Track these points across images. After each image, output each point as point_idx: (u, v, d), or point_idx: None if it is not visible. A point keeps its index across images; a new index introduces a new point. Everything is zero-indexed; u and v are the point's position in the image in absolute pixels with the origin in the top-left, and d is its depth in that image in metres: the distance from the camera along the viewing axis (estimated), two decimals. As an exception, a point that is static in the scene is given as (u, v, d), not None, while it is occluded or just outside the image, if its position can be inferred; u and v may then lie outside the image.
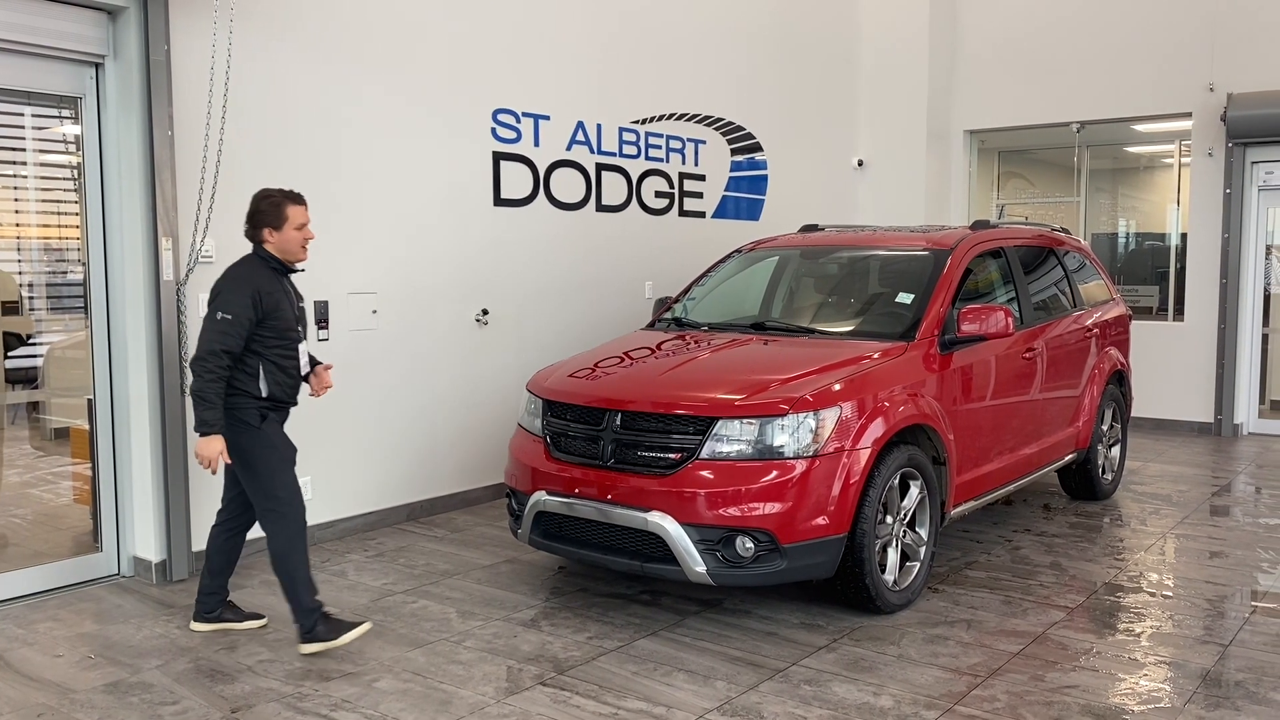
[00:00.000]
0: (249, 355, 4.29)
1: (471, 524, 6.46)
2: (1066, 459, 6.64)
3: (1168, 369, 10.08)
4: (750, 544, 4.40)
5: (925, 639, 4.53)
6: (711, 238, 8.78)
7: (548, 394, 5.10)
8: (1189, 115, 9.94)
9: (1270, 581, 5.36)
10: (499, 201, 7.07)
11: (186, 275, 5.33)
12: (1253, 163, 9.68)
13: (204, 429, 4.18)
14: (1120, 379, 7.37)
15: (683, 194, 8.70)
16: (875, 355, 5.02)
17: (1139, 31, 10.05)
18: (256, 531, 5.67)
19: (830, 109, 10.58)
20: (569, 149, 7.60)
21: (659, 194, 8.45)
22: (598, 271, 7.86)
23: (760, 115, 9.49)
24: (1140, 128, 10.95)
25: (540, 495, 4.87)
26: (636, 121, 8.18)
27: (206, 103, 5.35)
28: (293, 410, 5.84)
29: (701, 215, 8.93)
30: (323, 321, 6.02)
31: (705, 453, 4.49)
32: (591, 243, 7.82)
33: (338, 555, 5.82)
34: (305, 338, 4.56)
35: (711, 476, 4.45)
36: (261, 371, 4.34)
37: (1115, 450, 7.36)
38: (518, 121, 7.18)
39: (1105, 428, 7.14)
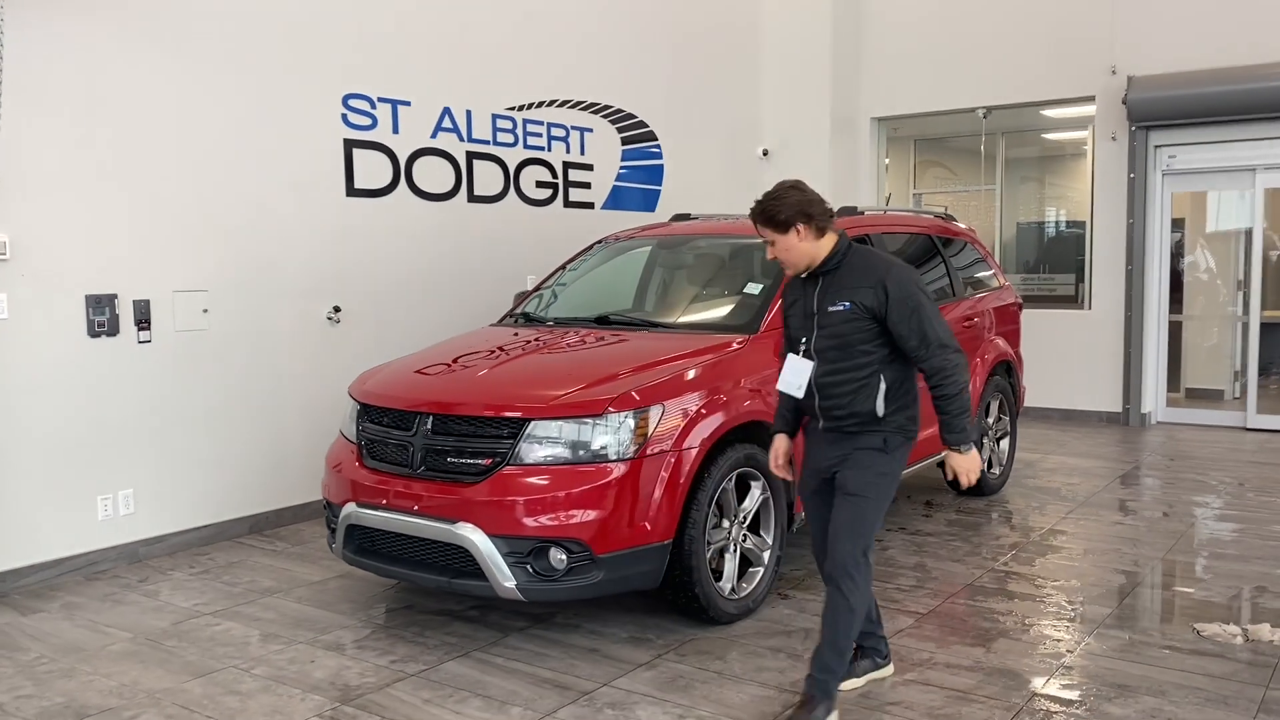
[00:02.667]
0: None
1: (317, 536, 6.07)
2: (944, 453, 6.35)
3: (1075, 358, 9.90)
4: (563, 555, 4.07)
5: (755, 652, 4.22)
6: (601, 229, 8.38)
7: (363, 396, 4.74)
8: (1092, 99, 9.74)
9: (1133, 581, 5.11)
10: (352, 192, 6.68)
11: (-27, 274, 4.91)
12: (1156, 146, 9.51)
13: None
14: (1008, 370, 7.13)
15: (568, 184, 8.35)
16: (713, 349, 4.71)
17: (1042, 14, 9.83)
18: (64, 548, 5.22)
19: (732, 97, 10.28)
20: (434, 136, 7.22)
21: (540, 184, 8.09)
22: (472, 265, 7.48)
23: (655, 103, 9.16)
24: (1051, 113, 10.78)
25: (351, 507, 4.51)
26: (512, 108, 7.81)
27: (-11, 86, 4.94)
28: (114, 415, 5.49)
29: (590, 206, 8.59)
30: (143, 322, 5.60)
31: (517, 457, 4.15)
32: (464, 235, 7.44)
33: (159, 573, 5.42)
34: (805, 351, 3.65)
35: (522, 483, 4.11)
36: None
37: (1004, 443, 7.12)
38: (373, 107, 6.79)
39: (991, 420, 6.89)
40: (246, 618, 4.72)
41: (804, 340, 3.64)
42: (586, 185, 8.53)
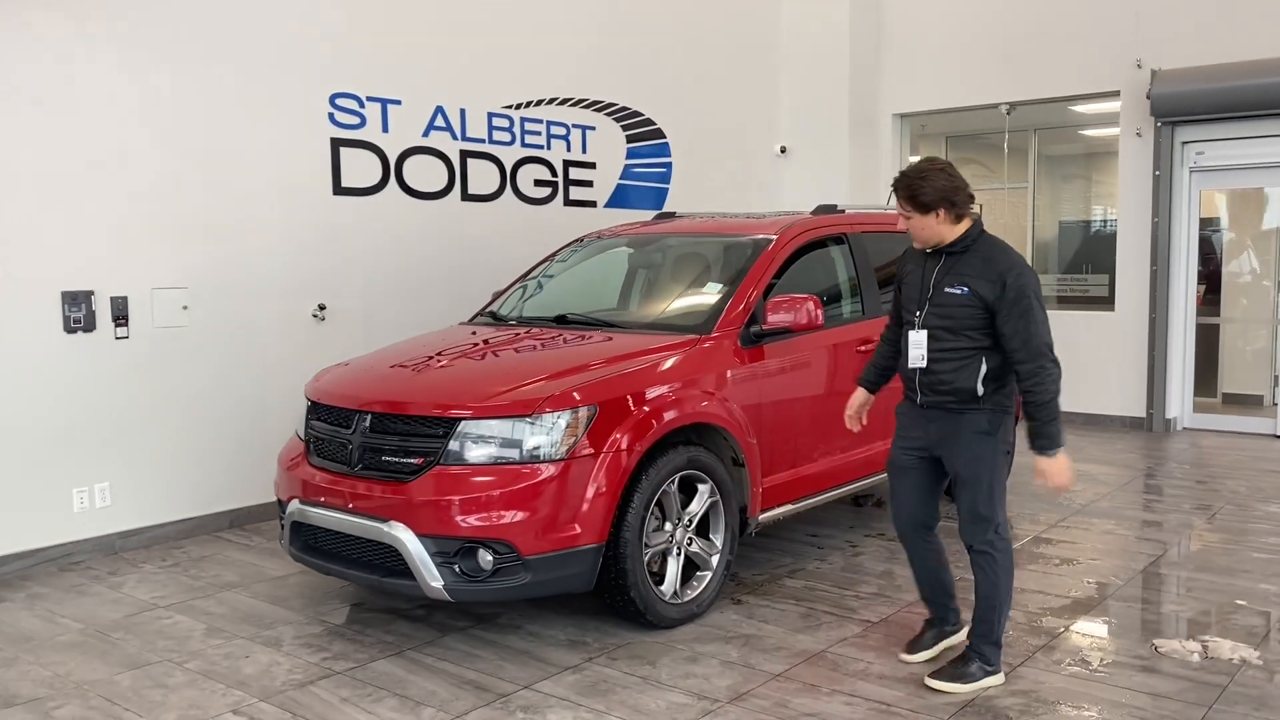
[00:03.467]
0: None
1: (293, 530, 6.12)
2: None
3: (1099, 361, 9.60)
4: (490, 556, 4.04)
5: (688, 658, 4.14)
6: (602, 227, 8.40)
7: (313, 394, 4.76)
8: (1117, 94, 9.44)
9: (1105, 593, 4.93)
10: (339, 190, 6.73)
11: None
12: (1183, 143, 9.17)
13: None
14: (1007, 373, 6.92)
15: (568, 182, 8.32)
16: (661, 349, 4.64)
17: (1066, 6, 9.55)
18: (39, 539, 5.37)
19: (749, 94, 10.16)
20: (426, 135, 7.24)
21: (539, 182, 8.08)
22: (465, 263, 7.48)
23: (664, 100, 9.09)
24: (1082, 108, 10.47)
25: (295, 504, 4.53)
26: (510, 107, 7.81)
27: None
28: (91, 409, 5.59)
29: (592, 204, 8.55)
30: (121, 319, 5.69)
31: (448, 457, 4.13)
32: (456, 233, 7.45)
33: (130, 565, 5.51)
34: (918, 325, 3.77)
35: (451, 483, 4.08)
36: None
37: (1001, 448, 6.91)
38: (361, 106, 6.83)
39: (985, 424, 6.68)
40: (198, 611, 4.77)
41: (916, 313, 3.78)
42: (589, 184, 8.50)
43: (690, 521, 4.56)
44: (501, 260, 7.68)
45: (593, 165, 8.51)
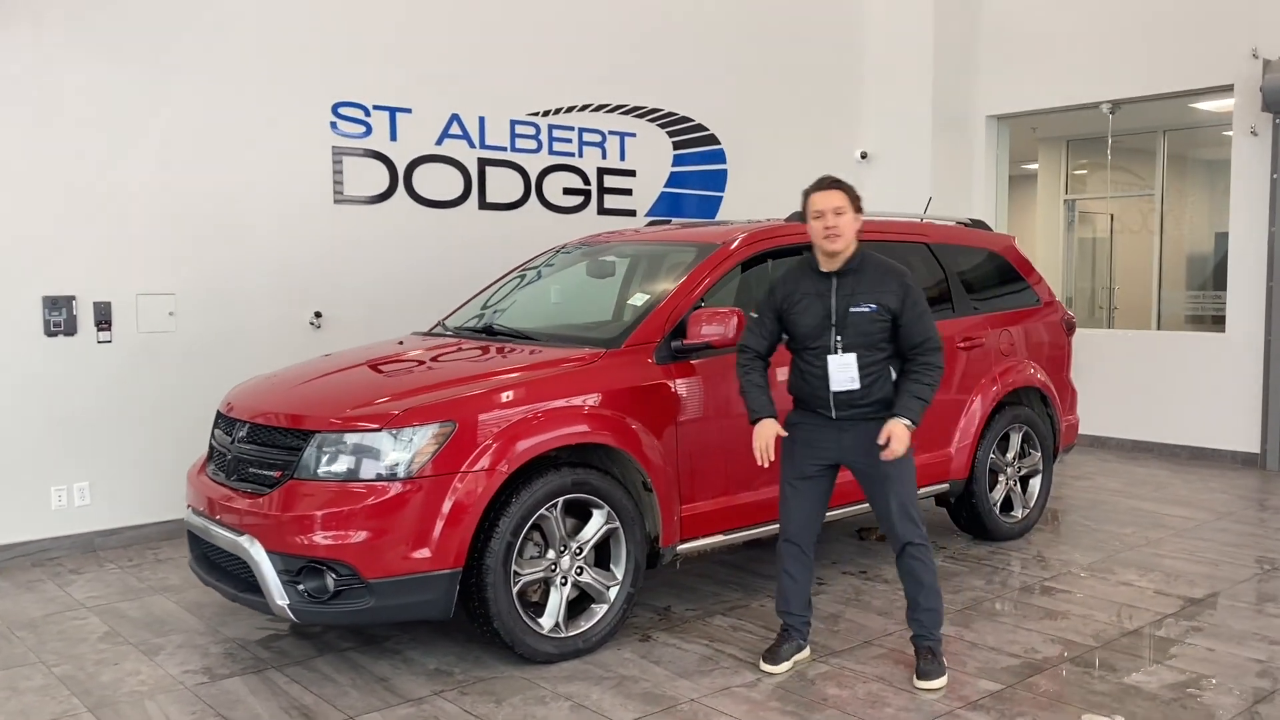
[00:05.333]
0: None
1: (268, 537, 6.14)
2: (929, 490, 5.60)
3: (1208, 388, 8.56)
4: (331, 578, 3.86)
5: (539, 699, 3.83)
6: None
7: (220, 405, 4.72)
8: (1230, 89, 8.40)
9: (1068, 655, 4.26)
10: (341, 199, 6.74)
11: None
12: (1306, 141, 8.06)
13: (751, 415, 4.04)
14: (1043, 399, 6.22)
15: (603, 190, 8.09)
16: (557, 364, 4.35)
17: (1174, -6, 8.60)
18: (14, 534, 5.62)
19: (824, 97, 9.63)
20: (439, 143, 7.18)
21: (569, 190, 7.89)
22: (480, 271, 7.21)
23: (718, 104, 8.74)
24: (1207, 105, 9.41)
25: (188, 513, 4.51)
26: (535, 114, 7.65)
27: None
28: (71, 410, 5.78)
29: (632, 213, 8.28)
30: (103, 323, 5.87)
31: (301, 471, 3.98)
32: (472, 242, 7.33)
33: (96, 564, 5.65)
34: (837, 349, 3.89)
35: (299, 498, 3.92)
36: (790, 368, 4.12)
37: (1035, 482, 6.21)
38: (367, 115, 6.83)
39: (1010, 455, 6.02)
40: (114, 614, 4.81)
41: (835, 338, 3.89)
42: (627, 192, 8.24)
43: (581, 549, 4.23)
44: (521, 269, 7.54)
45: (632, 173, 8.25)
